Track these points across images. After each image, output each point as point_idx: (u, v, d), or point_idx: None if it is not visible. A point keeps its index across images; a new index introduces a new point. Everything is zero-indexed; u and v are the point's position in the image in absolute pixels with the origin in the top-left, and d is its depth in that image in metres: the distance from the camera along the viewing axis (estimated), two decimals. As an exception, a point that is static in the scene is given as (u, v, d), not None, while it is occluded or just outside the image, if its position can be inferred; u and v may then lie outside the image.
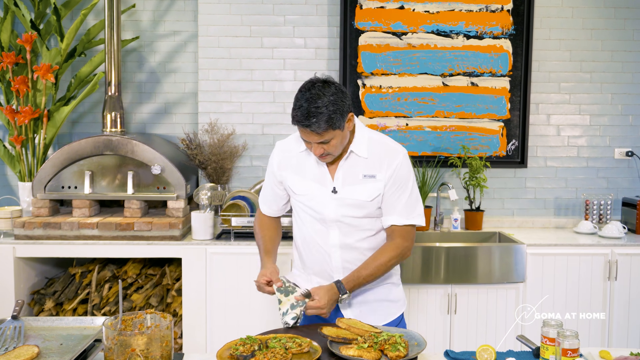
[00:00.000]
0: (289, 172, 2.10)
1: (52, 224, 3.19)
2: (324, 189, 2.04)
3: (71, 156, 3.30)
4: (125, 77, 3.84)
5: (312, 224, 2.09)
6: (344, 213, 2.03)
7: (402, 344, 1.64)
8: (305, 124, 1.88)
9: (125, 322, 1.64)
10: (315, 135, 1.90)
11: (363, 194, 2.01)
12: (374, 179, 2.01)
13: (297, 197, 2.11)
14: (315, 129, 1.87)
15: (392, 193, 2.02)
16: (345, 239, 2.05)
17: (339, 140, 1.95)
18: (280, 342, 1.67)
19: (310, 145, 1.96)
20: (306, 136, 1.93)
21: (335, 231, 2.05)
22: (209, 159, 3.62)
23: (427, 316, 3.24)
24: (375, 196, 2.01)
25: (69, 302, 3.34)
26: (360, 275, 2.00)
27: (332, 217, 2.04)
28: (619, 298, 3.30)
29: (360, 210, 2.03)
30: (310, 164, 2.07)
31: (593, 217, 3.72)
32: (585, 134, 3.85)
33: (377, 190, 2.01)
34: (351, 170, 2.03)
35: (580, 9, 3.78)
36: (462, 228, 3.73)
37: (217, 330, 3.20)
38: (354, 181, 2.02)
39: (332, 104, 1.87)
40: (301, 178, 2.08)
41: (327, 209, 2.04)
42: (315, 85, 1.90)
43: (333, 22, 3.74)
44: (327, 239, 2.07)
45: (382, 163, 2.02)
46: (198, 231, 3.25)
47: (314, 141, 1.92)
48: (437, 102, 3.75)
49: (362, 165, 2.03)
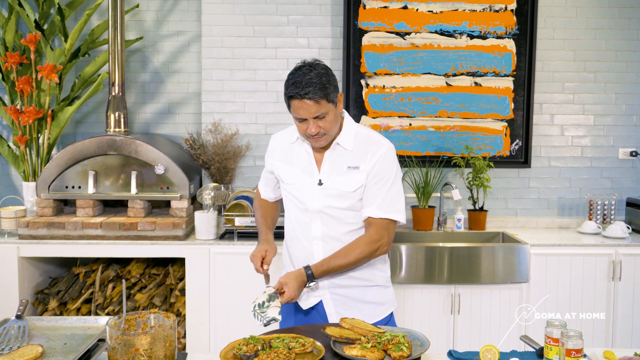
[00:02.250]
0: (280, 162, 2.17)
1: (56, 223, 3.20)
2: (310, 180, 2.08)
3: (75, 156, 3.31)
4: (129, 77, 3.84)
5: (296, 215, 2.13)
6: (327, 204, 2.05)
7: (405, 344, 1.64)
8: (301, 94, 1.92)
9: (128, 321, 1.65)
10: (312, 106, 1.93)
11: (346, 184, 2.04)
12: (357, 170, 2.04)
13: (285, 185, 2.16)
14: (312, 96, 1.91)
15: (373, 184, 2.04)
16: (328, 231, 2.07)
17: (332, 117, 1.99)
18: (283, 342, 1.67)
19: (306, 126, 1.98)
20: (303, 110, 1.95)
21: (317, 223, 2.08)
22: (212, 159, 3.62)
23: (431, 316, 3.24)
24: (358, 187, 2.04)
25: (73, 302, 3.35)
26: (330, 264, 2.02)
27: (315, 208, 2.06)
28: (623, 298, 3.29)
29: (343, 201, 2.05)
30: (300, 155, 2.12)
31: (597, 217, 3.71)
32: (589, 133, 3.84)
33: (360, 181, 2.04)
34: (337, 161, 2.07)
35: (584, 8, 3.77)
36: (466, 228, 3.72)
37: (221, 330, 3.21)
38: (339, 172, 2.06)
39: (323, 75, 1.95)
40: (290, 167, 2.13)
41: (311, 199, 2.07)
42: (304, 64, 1.99)
43: (336, 22, 3.74)
44: (310, 231, 2.09)
45: (366, 154, 2.05)
46: (201, 231, 3.25)
47: (311, 115, 1.95)
48: (440, 102, 3.75)
49: (348, 157, 2.07)
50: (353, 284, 2.10)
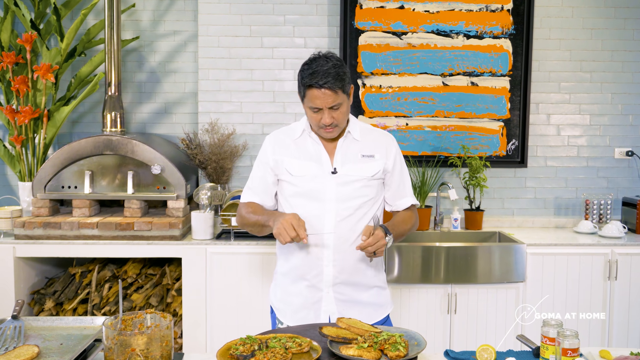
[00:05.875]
0: (286, 156, 2.12)
1: (52, 223, 3.19)
2: (323, 169, 2.08)
3: (71, 156, 3.30)
4: (125, 77, 3.84)
5: (305, 207, 2.06)
6: (342, 191, 2.06)
7: (402, 344, 1.64)
8: (320, 83, 1.95)
9: (125, 321, 1.64)
10: (330, 95, 1.97)
11: (364, 171, 2.09)
12: (373, 158, 2.12)
13: (293, 179, 2.09)
14: (331, 85, 1.95)
15: (400, 175, 2.18)
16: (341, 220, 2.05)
17: (345, 109, 2.04)
18: (280, 342, 1.66)
19: (320, 116, 2.00)
20: (320, 100, 1.98)
21: (331, 213, 2.05)
22: (209, 159, 3.62)
23: (427, 316, 3.24)
24: (375, 172, 2.11)
25: (69, 302, 3.34)
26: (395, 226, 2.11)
27: (330, 197, 2.05)
28: (619, 298, 3.30)
29: (358, 189, 2.08)
30: (307, 148, 2.12)
31: (593, 216, 3.72)
32: (586, 133, 3.85)
33: (377, 168, 2.11)
34: (349, 150, 2.11)
35: (580, 8, 3.78)
36: (462, 228, 3.73)
37: (217, 330, 3.20)
38: (353, 161, 2.10)
39: (339, 67, 2.00)
40: (298, 160, 2.10)
41: (325, 188, 2.06)
42: (319, 56, 2.03)
43: (333, 22, 3.74)
44: (322, 222, 2.04)
45: (378, 145, 2.14)
46: (198, 231, 3.25)
47: (327, 105, 1.98)
48: (437, 101, 3.75)
49: (359, 146, 2.12)
50: (356, 282, 2.10)
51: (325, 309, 2.09)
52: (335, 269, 2.06)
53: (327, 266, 2.06)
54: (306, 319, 2.09)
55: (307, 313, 2.10)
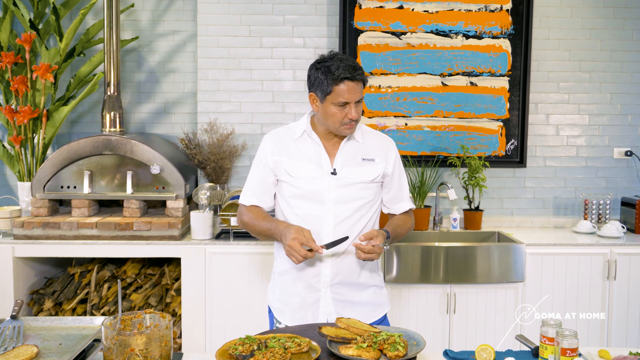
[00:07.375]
0: (285, 156, 2.10)
1: (51, 223, 3.19)
2: (322, 171, 2.08)
3: (70, 156, 3.30)
4: (124, 77, 3.84)
5: (304, 209, 2.07)
6: (342, 193, 2.07)
7: (401, 344, 1.64)
8: (354, 75, 1.98)
9: (124, 322, 1.64)
10: (360, 87, 2.01)
11: (363, 175, 2.10)
12: (373, 162, 2.13)
13: (293, 180, 2.08)
14: (362, 77, 2.00)
15: (399, 179, 2.20)
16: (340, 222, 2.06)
17: (362, 105, 2.07)
18: (279, 342, 1.66)
19: (346, 111, 2.00)
20: (349, 93, 1.99)
21: (330, 215, 2.06)
22: (208, 159, 3.62)
23: (426, 316, 3.24)
24: (375, 177, 2.12)
25: (68, 302, 3.34)
26: (394, 228, 2.15)
27: (331, 198, 2.06)
28: (618, 298, 3.30)
29: (357, 191, 2.08)
30: (307, 148, 2.11)
31: (592, 216, 3.72)
32: (585, 133, 3.85)
33: (377, 172, 2.12)
34: (350, 153, 2.11)
35: (580, 8, 3.78)
36: (461, 228, 3.73)
37: (216, 330, 3.20)
38: (353, 164, 2.10)
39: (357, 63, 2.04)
40: (298, 161, 2.09)
41: (326, 189, 2.06)
42: (336, 52, 2.05)
43: (332, 22, 3.74)
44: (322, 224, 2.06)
45: (379, 149, 2.15)
46: (197, 231, 3.25)
47: (356, 98, 2.00)
48: (436, 101, 3.76)
49: (360, 149, 2.13)
50: (354, 282, 2.10)
51: (324, 310, 2.09)
52: (333, 269, 2.07)
53: (325, 267, 2.07)
54: (304, 320, 2.09)
55: (306, 314, 2.10)
